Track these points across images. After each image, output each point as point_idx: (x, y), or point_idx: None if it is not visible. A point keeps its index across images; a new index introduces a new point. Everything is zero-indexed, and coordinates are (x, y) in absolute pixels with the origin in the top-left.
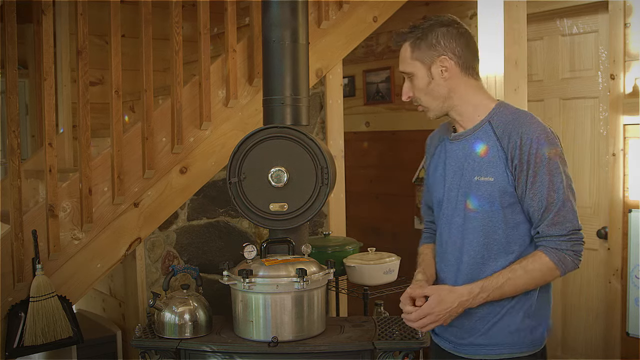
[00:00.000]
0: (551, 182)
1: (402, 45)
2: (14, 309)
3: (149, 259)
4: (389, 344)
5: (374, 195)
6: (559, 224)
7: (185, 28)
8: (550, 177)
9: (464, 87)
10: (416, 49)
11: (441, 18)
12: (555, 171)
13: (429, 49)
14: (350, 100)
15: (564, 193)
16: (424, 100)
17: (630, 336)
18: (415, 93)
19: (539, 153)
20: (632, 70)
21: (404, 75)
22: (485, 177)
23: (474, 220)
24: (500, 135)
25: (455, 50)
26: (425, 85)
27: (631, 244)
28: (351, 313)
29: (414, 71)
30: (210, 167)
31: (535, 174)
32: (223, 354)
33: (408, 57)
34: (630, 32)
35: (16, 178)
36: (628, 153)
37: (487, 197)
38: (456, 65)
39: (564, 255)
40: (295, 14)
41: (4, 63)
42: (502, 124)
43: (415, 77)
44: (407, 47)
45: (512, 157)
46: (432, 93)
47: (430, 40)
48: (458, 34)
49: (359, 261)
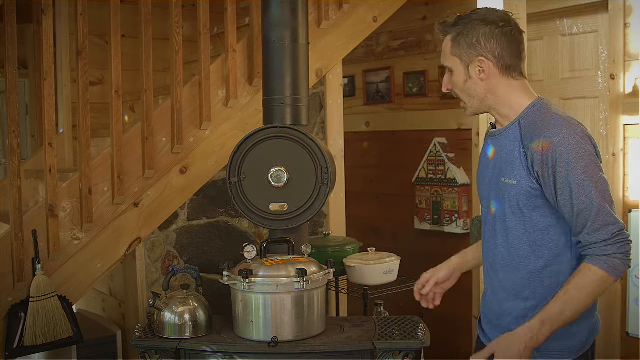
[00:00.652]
0: (579, 188)
1: (443, 37)
2: (14, 309)
3: (149, 259)
4: (389, 344)
5: (374, 195)
6: (600, 229)
7: (185, 28)
8: (577, 183)
9: (503, 87)
10: (456, 45)
11: (488, 14)
12: (582, 176)
13: (468, 48)
14: (350, 100)
15: (596, 197)
16: (461, 97)
17: (630, 336)
18: (453, 86)
19: (561, 159)
20: (632, 70)
21: (446, 68)
22: (509, 180)
23: (500, 221)
24: (524, 137)
25: (496, 52)
26: (462, 82)
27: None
28: (351, 313)
29: (453, 67)
30: (210, 167)
31: (560, 182)
32: (223, 354)
33: (448, 52)
34: (630, 32)
35: (16, 178)
36: (628, 153)
37: (510, 199)
38: (495, 67)
39: (613, 259)
40: (295, 14)
41: (4, 63)
42: (529, 125)
43: (453, 74)
44: (448, 41)
45: (532, 161)
46: (469, 91)
47: (471, 39)
48: (501, 34)
49: (359, 261)
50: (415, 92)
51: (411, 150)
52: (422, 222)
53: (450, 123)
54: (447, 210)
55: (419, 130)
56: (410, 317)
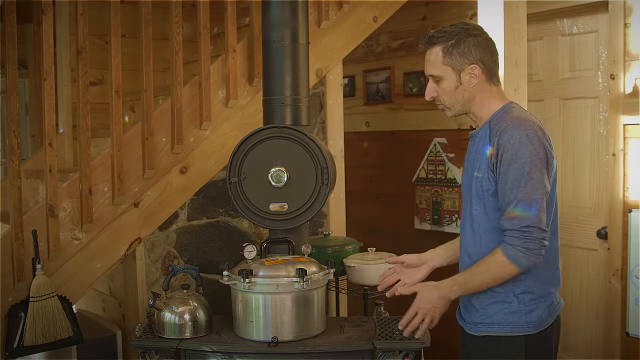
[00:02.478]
0: (513, 181)
1: (430, 48)
2: (14, 309)
3: (149, 259)
4: (389, 344)
5: (374, 195)
6: (513, 219)
7: (185, 28)
8: (513, 177)
9: (486, 93)
10: (448, 55)
11: (469, 27)
12: (519, 172)
13: (461, 57)
14: (350, 100)
15: (525, 190)
16: (448, 102)
17: (630, 336)
18: (440, 94)
19: (507, 154)
20: (632, 70)
21: (431, 77)
22: (477, 173)
23: (469, 209)
24: (492, 136)
25: (484, 59)
26: (453, 89)
27: (631, 244)
28: (351, 313)
29: (444, 76)
30: (210, 167)
31: (501, 173)
32: (223, 354)
33: (439, 61)
34: (630, 32)
35: (16, 178)
36: (628, 153)
37: (477, 191)
38: (483, 73)
39: (516, 251)
40: (295, 14)
41: (4, 63)
42: (497, 125)
43: (443, 81)
44: (438, 51)
45: (491, 156)
46: (458, 96)
47: (463, 48)
48: (485, 43)
49: (359, 261)
50: (415, 92)
51: (411, 150)
52: (422, 222)
53: (450, 123)
54: (447, 210)
55: (419, 130)
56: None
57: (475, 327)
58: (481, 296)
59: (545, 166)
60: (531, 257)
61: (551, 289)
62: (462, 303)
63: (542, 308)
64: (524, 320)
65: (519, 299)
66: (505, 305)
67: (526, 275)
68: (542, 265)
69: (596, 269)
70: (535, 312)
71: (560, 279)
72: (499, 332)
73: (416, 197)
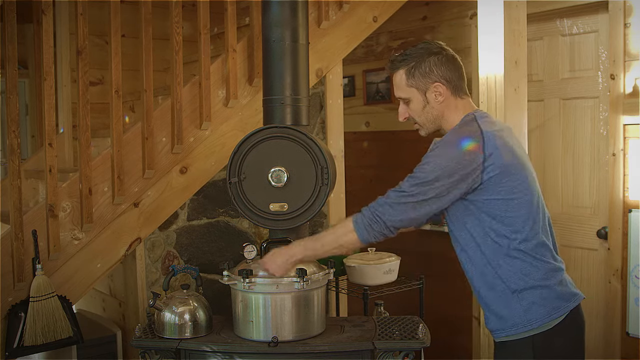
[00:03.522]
0: (416, 171)
1: (395, 72)
2: (14, 309)
3: (149, 259)
4: (389, 344)
5: (374, 195)
6: (381, 197)
7: (185, 28)
8: (415, 168)
9: (453, 107)
10: (411, 77)
11: (430, 46)
12: (419, 166)
13: (423, 77)
14: (350, 100)
15: (405, 181)
16: (420, 121)
17: (630, 336)
18: (411, 114)
19: (435, 147)
20: (632, 70)
21: (400, 100)
22: None
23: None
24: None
25: (447, 76)
26: (421, 108)
27: (631, 244)
28: (351, 313)
29: (411, 97)
30: (210, 167)
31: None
32: (223, 354)
33: (404, 84)
34: (630, 32)
35: (16, 178)
36: (628, 153)
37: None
38: (447, 89)
39: (361, 218)
40: (295, 14)
41: (4, 63)
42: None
43: (411, 102)
44: (402, 74)
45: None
46: (427, 115)
47: (424, 69)
48: (447, 60)
49: (359, 261)
50: None
51: (411, 150)
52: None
53: None
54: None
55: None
56: (410, 317)
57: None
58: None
59: (452, 177)
60: (370, 232)
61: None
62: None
63: (541, 309)
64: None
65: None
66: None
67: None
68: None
69: (596, 269)
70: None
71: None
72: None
73: None
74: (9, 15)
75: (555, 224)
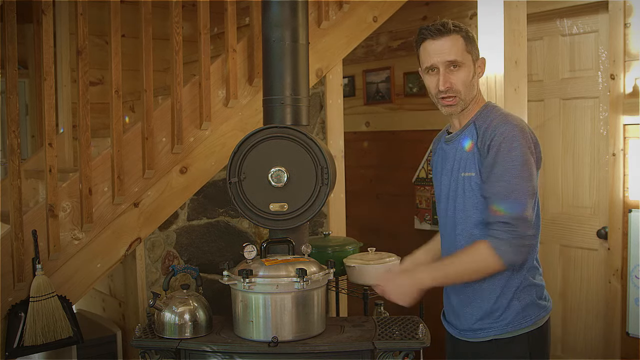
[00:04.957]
0: (502, 175)
1: (448, 35)
2: (14, 309)
3: (149, 259)
4: (389, 344)
5: (374, 195)
6: (500, 212)
7: (185, 28)
8: (504, 171)
9: (479, 89)
10: (469, 43)
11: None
12: (511, 167)
13: (475, 48)
14: (350, 100)
15: (511, 186)
16: (463, 92)
17: (630, 336)
18: (457, 84)
19: (502, 149)
20: (632, 70)
21: (451, 64)
22: (468, 173)
23: (462, 212)
24: (480, 135)
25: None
26: (470, 79)
27: (631, 244)
28: (351, 313)
29: (465, 63)
30: (210, 167)
31: (493, 169)
32: (223, 354)
33: (462, 48)
34: (630, 32)
35: (16, 178)
36: (628, 153)
37: (470, 190)
38: (482, 70)
39: (504, 244)
40: (295, 14)
41: (4, 63)
42: (485, 124)
43: (463, 69)
44: (459, 38)
45: (483, 155)
46: (471, 87)
47: (475, 40)
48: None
49: (359, 261)
50: (415, 92)
51: (411, 150)
52: (422, 222)
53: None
54: None
55: (419, 130)
56: (410, 317)
57: (472, 334)
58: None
59: (534, 162)
60: (518, 252)
61: (535, 286)
62: (458, 315)
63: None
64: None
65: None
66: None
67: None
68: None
69: (596, 269)
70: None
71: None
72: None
73: (416, 197)
74: (9, 15)
75: (555, 224)
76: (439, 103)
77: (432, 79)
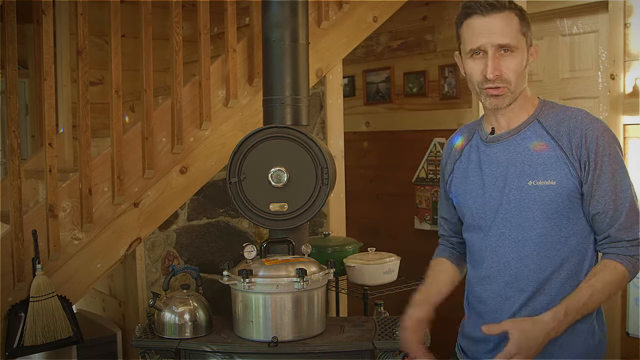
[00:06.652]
0: (619, 182)
1: (500, 12)
2: (14, 309)
3: (149, 259)
4: (389, 344)
5: (374, 195)
6: (631, 227)
7: (185, 28)
8: (618, 176)
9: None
10: (525, 25)
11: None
12: (621, 170)
13: (530, 31)
14: (350, 100)
15: (630, 194)
16: (515, 81)
17: (630, 336)
18: (507, 72)
19: (605, 151)
20: (632, 70)
21: (503, 48)
22: (544, 181)
23: (530, 230)
24: (556, 135)
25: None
26: (523, 66)
27: None
28: (351, 313)
29: (520, 47)
30: (210, 167)
31: (602, 173)
32: (223, 354)
33: (516, 28)
34: (630, 32)
35: (16, 178)
36: (628, 153)
37: (546, 203)
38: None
39: (635, 260)
40: (295, 14)
41: (4, 63)
42: (555, 123)
43: (515, 55)
44: (513, 17)
45: (578, 157)
46: (523, 76)
47: (530, 23)
48: None
49: (359, 261)
50: (415, 92)
51: (411, 150)
52: (422, 222)
53: (450, 123)
54: None
55: (419, 130)
56: None
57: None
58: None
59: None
60: (636, 272)
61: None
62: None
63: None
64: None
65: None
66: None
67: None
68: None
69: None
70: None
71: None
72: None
73: (416, 197)
74: (9, 15)
75: None
76: (481, 94)
77: (477, 65)
